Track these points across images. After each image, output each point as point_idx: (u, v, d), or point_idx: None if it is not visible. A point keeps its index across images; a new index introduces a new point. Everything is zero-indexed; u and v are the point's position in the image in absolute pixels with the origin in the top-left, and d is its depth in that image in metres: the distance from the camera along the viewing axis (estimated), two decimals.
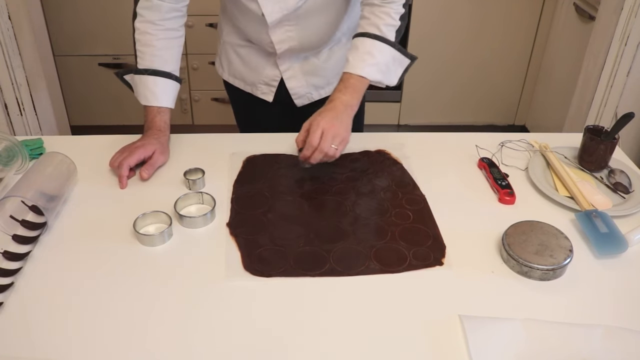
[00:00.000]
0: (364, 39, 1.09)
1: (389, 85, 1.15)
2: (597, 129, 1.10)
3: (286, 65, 1.26)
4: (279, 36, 1.19)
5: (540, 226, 0.90)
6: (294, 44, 1.20)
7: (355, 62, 1.08)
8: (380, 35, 1.08)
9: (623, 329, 0.74)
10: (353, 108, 1.08)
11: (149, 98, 1.12)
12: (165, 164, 1.10)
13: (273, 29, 1.17)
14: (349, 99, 1.07)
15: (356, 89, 1.08)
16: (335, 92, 1.08)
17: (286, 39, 1.19)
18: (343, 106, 1.06)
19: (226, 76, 1.37)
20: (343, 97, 1.07)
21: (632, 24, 1.92)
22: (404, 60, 1.15)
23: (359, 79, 1.08)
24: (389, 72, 1.13)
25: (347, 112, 1.06)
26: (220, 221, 0.94)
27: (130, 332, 0.73)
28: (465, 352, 0.71)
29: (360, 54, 1.08)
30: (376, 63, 1.08)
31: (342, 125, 1.04)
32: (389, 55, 1.10)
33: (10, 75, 1.88)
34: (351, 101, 1.07)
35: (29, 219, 0.92)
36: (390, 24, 1.09)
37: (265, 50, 1.24)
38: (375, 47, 1.08)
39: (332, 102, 1.07)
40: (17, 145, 1.04)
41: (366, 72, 1.08)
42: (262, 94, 1.32)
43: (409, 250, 0.88)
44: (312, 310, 0.78)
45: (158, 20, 1.11)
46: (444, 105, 2.83)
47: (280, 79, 1.29)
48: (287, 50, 1.22)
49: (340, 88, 1.08)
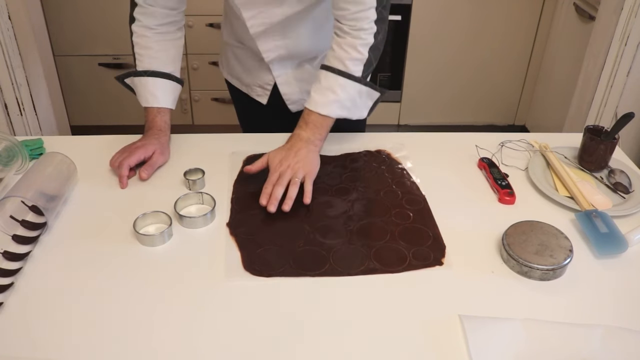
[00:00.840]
0: (327, 73, 1.05)
1: (359, 119, 1.11)
2: (597, 129, 1.10)
3: (279, 71, 1.25)
4: (266, 45, 1.18)
5: (540, 226, 0.90)
6: (283, 52, 1.19)
7: (316, 98, 1.05)
8: (344, 71, 1.04)
9: (623, 329, 0.74)
10: (315, 144, 1.05)
11: (149, 99, 1.12)
12: (165, 164, 1.10)
13: (259, 39, 1.16)
14: (309, 135, 1.05)
15: (317, 125, 1.05)
16: (296, 128, 1.06)
17: (274, 48, 1.18)
18: (303, 143, 1.04)
19: (226, 75, 1.37)
20: (303, 134, 1.05)
21: (632, 24, 1.92)
22: (372, 93, 1.11)
23: (320, 116, 1.05)
24: (355, 107, 1.09)
25: (309, 147, 1.03)
26: (220, 221, 0.94)
27: (130, 332, 0.73)
28: (465, 352, 0.71)
29: (322, 89, 1.04)
30: (338, 100, 1.04)
31: (299, 162, 1.00)
32: (353, 91, 1.06)
33: (10, 75, 1.88)
34: (312, 137, 1.04)
35: (29, 219, 0.92)
36: (355, 58, 1.03)
37: (259, 55, 1.24)
38: (339, 83, 1.04)
39: (291, 140, 1.05)
40: (17, 145, 1.04)
41: (328, 110, 1.04)
42: (257, 95, 1.32)
43: (408, 250, 0.88)
44: (312, 310, 0.78)
45: (154, 25, 1.11)
46: (444, 105, 2.83)
47: (274, 83, 1.28)
48: (277, 58, 1.21)
49: (300, 124, 1.06)
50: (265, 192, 0.97)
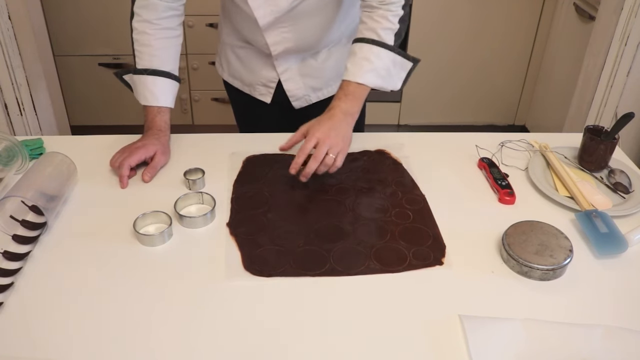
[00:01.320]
0: (361, 45, 1.07)
1: (393, 90, 1.12)
2: (597, 129, 1.10)
3: (283, 67, 1.26)
4: (273, 38, 1.18)
5: (540, 226, 0.90)
6: (290, 45, 1.20)
7: (353, 69, 1.06)
8: (377, 40, 1.06)
9: (623, 329, 0.74)
10: (353, 116, 1.06)
11: (149, 98, 1.12)
12: (166, 164, 1.10)
13: (267, 30, 1.16)
14: (349, 107, 1.05)
15: (356, 96, 1.06)
16: (334, 100, 1.07)
17: (281, 41, 1.19)
18: (342, 114, 1.04)
19: (226, 76, 1.37)
20: (342, 105, 1.05)
21: (632, 24, 1.92)
22: (405, 63, 1.12)
23: (358, 86, 1.06)
24: (390, 76, 1.10)
25: (347, 120, 1.05)
26: (220, 221, 0.94)
27: (130, 332, 0.73)
28: (465, 352, 0.71)
29: (358, 60, 1.06)
30: (374, 69, 1.06)
31: (338, 136, 1.01)
32: (388, 59, 1.08)
33: (10, 75, 1.88)
34: (351, 109, 1.05)
35: (29, 219, 0.92)
36: (388, 28, 1.06)
37: (262, 52, 1.24)
38: (373, 52, 1.06)
39: (331, 111, 1.05)
40: (17, 145, 1.04)
41: (365, 79, 1.06)
42: (260, 95, 1.32)
43: (408, 250, 0.88)
44: (312, 310, 0.78)
45: (155, 19, 1.11)
46: (444, 105, 2.83)
47: (277, 80, 1.28)
48: (283, 52, 1.21)
49: (339, 96, 1.06)
50: (297, 162, 0.99)
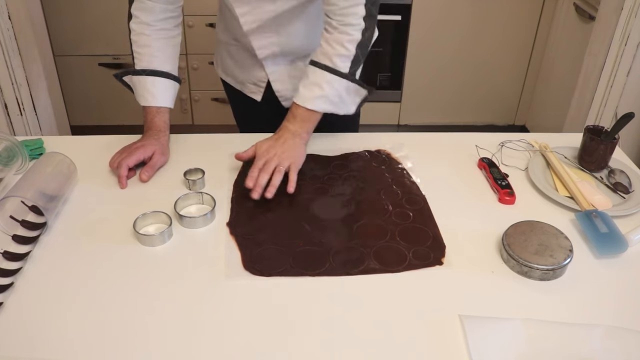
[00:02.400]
0: (315, 69, 1.06)
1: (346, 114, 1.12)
2: (597, 129, 1.10)
3: (272, 68, 1.26)
4: (259, 42, 1.18)
5: (540, 226, 0.90)
6: (276, 49, 1.20)
7: (304, 93, 1.07)
8: (330, 67, 1.05)
9: (623, 329, 0.74)
10: (302, 136, 1.07)
11: (148, 99, 1.12)
12: (166, 164, 1.10)
13: (252, 35, 1.16)
14: (297, 128, 1.07)
15: (304, 119, 1.07)
16: (284, 121, 1.08)
17: (267, 45, 1.19)
18: (290, 135, 1.06)
19: (220, 72, 1.37)
20: (290, 127, 1.07)
21: (632, 24, 1.92)
22: (360, 90, 1.11)
23: (307, 110, 1.07)
24: (343, 102, 1.10)
25: (295, 140, 1.06)
26: (220, 221, 0.94)
27: (130, 332, 0.73)
28: (465, 352, 0.71)
29: (309, 85, 1.06)
30: (325, 95, 1.06)
31: (286, 152, 1.02)
32: (340, 87, 1.07)
33: (10, 75, 1.88)
34: (299, 130, 1.07)
35: (29, 219, 0.92)
36: (342, 55, 1.04)
37: (252, 52, 1.24)
38: (325, 79, 1.05)
39: (280, 132, 1.07)
40: (17, 145, 1.04)
41: (314, 105, 1.06)
42: (251, 93, 1.32)
43: (408, 250, 0.88)
44: (311, 310, 0.78)
45: (152, 21, 1.11)
46: (444, 105, 2.83)
47: (267, 80, 1.28)
48: (270, 55, 1.21)
49: (288, 117, 1.08)
50: (251, 176, 1.00)
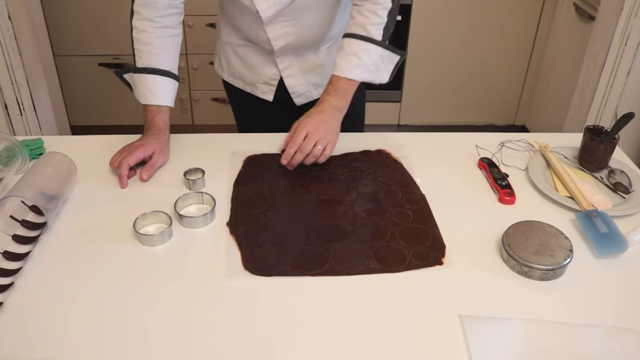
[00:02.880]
0: (350, 40, 1.09)
1: (381, 83, 1.15)
2: (597, 129, 1.10)
3: (285, 63, 1.26)
4: (275, 32, 1.19)
5: (540, 226, 0.90)
6: (291, 39, 1.20)
7: (342, 64, 1.09)
8: (366, 36, 1.08)
9: (623, 329, 0.74)
10: (342, 111, 1.10)
11: (149, 97, 1.12)
12: (165, 164, 1.10)
13: (269, 25, 1.17)
14: (338, 102, 1.09)
15: (345, 91, 1.10)
16: (324, 95, 1.10)
17: (283, 35, 1.19)
18: (331, 109, 1.08)
19: (226, 76, 1.37)
20: (332, 100, 1.09)
21: (632, 24, 1.92)
22: (393, 57, 1.14)
23: (347, 81, 1.09)
24: (378, 71, 1.13)
25: (335, 115, 1.08)
26: (220, 221, 0.94)
27: (130, 332, 0.73)
28: (465, 352, 0.71)
29: (347, 55, 1.09)
30: (363, 64, 1.09)
31: (327, 128, 1.06)
32: (376, 54, 1.10)
33: (10, 75, 1.88)
34: (340, 104, 1.09)
35: (29, 219, 0.92)
36: (376, 23, 1.08)
37: (263, 49, 1.24)
38: (361, 47, 1.08)
39: (321, 105, 1.09)
40: (17, 145, 1.04)
41: (353, 74, 1.09)
42: (262, 93, 1.32)
43: (408, 250, 0.88)
44: (311, 310, 0.78)
45: (155, 17, 1.11)
46: (444, 105, 2.83)
47: (279, 78, 1.28)
48: (285, 47, 1.22)
49: (329, 91, 1.10)
50: (288, 153, 1.04)
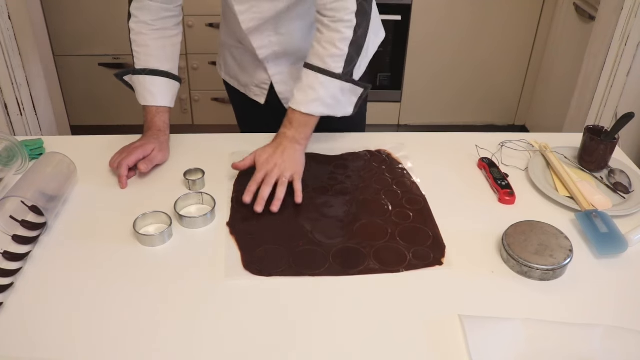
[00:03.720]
0: (307, 72, 1.04)
1: (344, 116, 1.10)
2: (597, 129, 1.10)
3: (275, 70, 1.25)
4: (260, 42, 1.17)
5: (540, 226, 0.90)
6: (277, 49, 1.19)
7: (298, 97, 1.04)
8: (323, 69, 1.02)
9: (623, 329, 0.74)
10: (301, 143, 1.05)
11: (147, 98, 1.12)
12: (165, 164, 1.10)
13: (252, 35, 1.15)
14: (295, 134, 1.04)
15: (301, 124, 1.05)
16: (281, 127, 1.06)
17: (268, 44, 1.18)
18: (289, 142, 1.03)
19: (224, 75, 1.37)
20: (288, 133, 1.04)
21: (632, 24, 1.92)
22: (356, 89, 1.08)
23: (303, 115, 1.04)
24: (339, 104, 1.07)
25: (294, 147, 1.03)
26: (220, 221, 0.94)
27: (130, 332, 0.73)
28: (465, 352, 0.71)
29: (304, 88, 1.04)
30: (319, 98, 1.03)
31: (286, 161, 1.00)
32: (334, 88, 1.04)
33: (10, 75, 1.88)
34: (298, 136, 1.04)
35: (29, 219, 0.92)
36: (334, 55, 1.01)
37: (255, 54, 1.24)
38: (319, 81, 1.03)
39: (277, 139, 1.05)
40: (17, 145, 1.04)
41: (309, 108, 1.03)
42: (255, 95, 1.32)
43: (408, 250, 0.88)
44: (311, 310, 0.78)
45: (151, 20, 1.11)
46: (444, 105, 2.83)
47: (270, 83, 1.28)
48: (272, 55, 1.20)
49: (285, 123, 1.06)
50: (249, 191, 0.97)
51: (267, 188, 0.97)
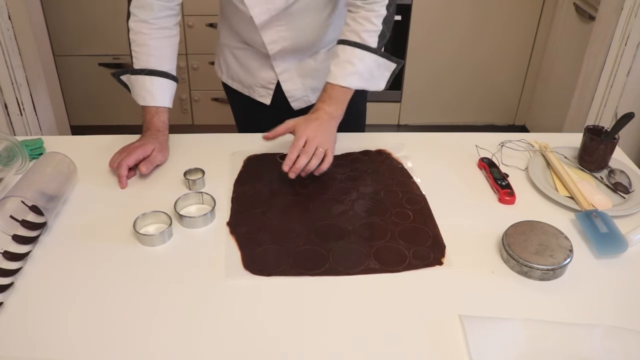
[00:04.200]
0: (344, 47, 1.08)
1: (377, 90, 1.14)
2: (597, 129, 1.10)
3: (282, 67, 1.25)
4: (270, 37, 1.18)
5: (540, 226, 0.90)
6: (287, 44, 1.20)
7: (336, 72, 1.08)
8: (360, 43, 1.07)
9: (623, 329, 0.74)
10: (337, 119, 1.08)
11: (147, 98, 1.12)
12: (165, 164, 1.10)
13: (263, 29, 1.16)
14: (333, 109, 1.07)
15: (339, 99, 1.08)
16: (318, 102, 1.09)
17: (278, 39, 1.19)
18: (327, 117, 1.06)
19: (225, 78, 1.36)
20: (327, 108, 1.07)
21: (632, 24, 1.92)
22: (389, 64, 1.13)
23: (341, 89, 1.08)
24: (373, 78, 1.11)
25: (331, 123, 1.07)
26: (220, 221, 0.94)
27: (130, 332, 0.73)
28: (465, 352, 0.71)
29: (341, 63, 1.07)
30: (357, 71, 1.07)
31: (326, 135, 1.04)
32: (370, 62, 1.08)
33: (10, 75, 1.88)
34: (335, 112, 1.08)
35: (29, 219, 0.92)
36: (370, 30, 1.07)
37: (260, 52, 1.24)
38: (356, 55, 1.07)
39: (317, 112, 1.07)
40: (17, 145, 1.04)
41: (348, 82, 1.07)
42: (260, 96, 1.32)
43: (408, 250, 0.88)
44: (311, 310, 0.78)
45: (151, 19, 1.11)
46: (444, 105, 2.83)
47: (276, 81, 1.28)
48: (281, 51, 1.21)
49: (324, 99, 1.08)
50: (290, 158, 1.01)
51: (305, 157, 1.01)
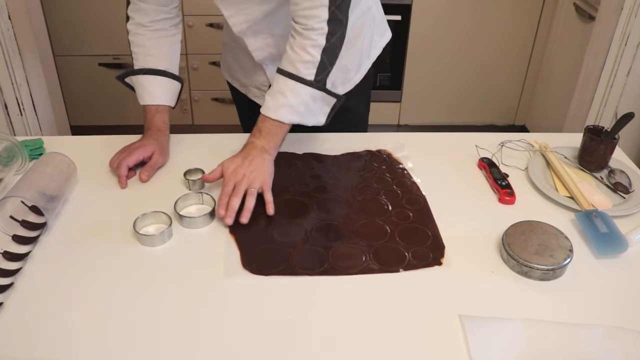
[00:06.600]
0: (278, 76, 1.01)
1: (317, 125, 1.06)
2: (597, 129, 1.10)
3: (273, 71, 1.23)
4: (255, 44, 1.16)
5: (540, 226, 0.90)
6: (273, 51, 1.17)
7: (269, 102, 1.01)
8: (294, 74, 0.99)
9: (623, 329, 0.74)
10: (270, 152, 1.01)
11: (145, 97, 1.12)
12: (165, 164, 1.10)
13: (247, 37, 1.14)
14: (264, 143, 1.00)
15: (271, 132, 1.01)
16: (250, 136, 1.02)
17: (264, 46, 1.16)
18: (257, 151, 1.00)
19: (227, 76, 1.37)
20: (257, 142, 1.01)
21: (632, 24, 1.92)
22: (328, 98, 1.05)
23: (273, 122, 1.00)
24: (310, 112, 1.03)
25: (263, 157, 1.00)
26: (220, 221, 0.94)
27: (130, 332, 0.73)
28: (465, 352, 0.71)
29: (274, 93, 1.00)
30: (289, 104, 0.99)
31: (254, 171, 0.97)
32: (305, 95, 1.00)
33: (10, 75, 1.88)
34: (266, 145, 1.00)
35: (29, 219, 0.92)
36: (306, 61, 0.98)
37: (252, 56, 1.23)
38: (288, 86, 0.99)
39: (246, 148, 1.01)
40: (17, 145, 1.04)
41: (279, 115, 1.00)
42: (255, 97, 1.31)
43: (407, 250, 0.88)
44: (310, 309, 0.78)
45: (147, 22, 1.11)
46: (444, 105, 2.83)
47: (269, 85, 1.27)
48: (268, 57, 1.19)
49: (254, 132, 1.02)
50: (221, 203, 0.94)
51: (236, 199, 0.93)
